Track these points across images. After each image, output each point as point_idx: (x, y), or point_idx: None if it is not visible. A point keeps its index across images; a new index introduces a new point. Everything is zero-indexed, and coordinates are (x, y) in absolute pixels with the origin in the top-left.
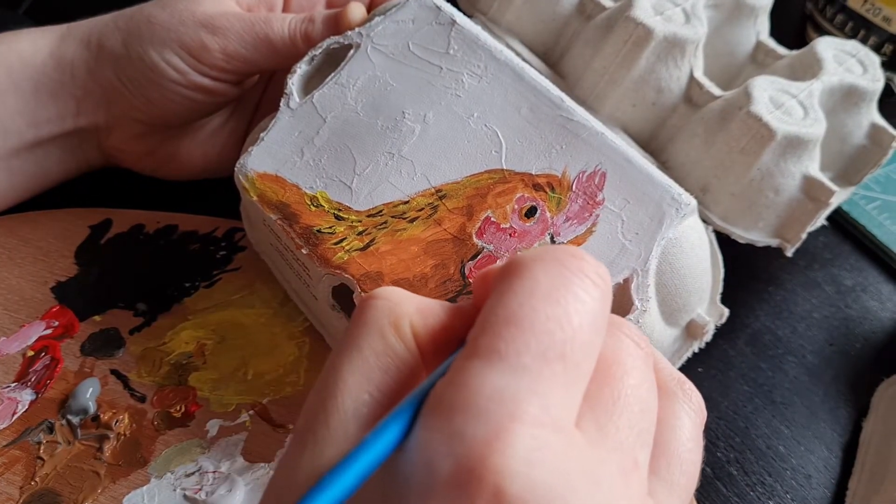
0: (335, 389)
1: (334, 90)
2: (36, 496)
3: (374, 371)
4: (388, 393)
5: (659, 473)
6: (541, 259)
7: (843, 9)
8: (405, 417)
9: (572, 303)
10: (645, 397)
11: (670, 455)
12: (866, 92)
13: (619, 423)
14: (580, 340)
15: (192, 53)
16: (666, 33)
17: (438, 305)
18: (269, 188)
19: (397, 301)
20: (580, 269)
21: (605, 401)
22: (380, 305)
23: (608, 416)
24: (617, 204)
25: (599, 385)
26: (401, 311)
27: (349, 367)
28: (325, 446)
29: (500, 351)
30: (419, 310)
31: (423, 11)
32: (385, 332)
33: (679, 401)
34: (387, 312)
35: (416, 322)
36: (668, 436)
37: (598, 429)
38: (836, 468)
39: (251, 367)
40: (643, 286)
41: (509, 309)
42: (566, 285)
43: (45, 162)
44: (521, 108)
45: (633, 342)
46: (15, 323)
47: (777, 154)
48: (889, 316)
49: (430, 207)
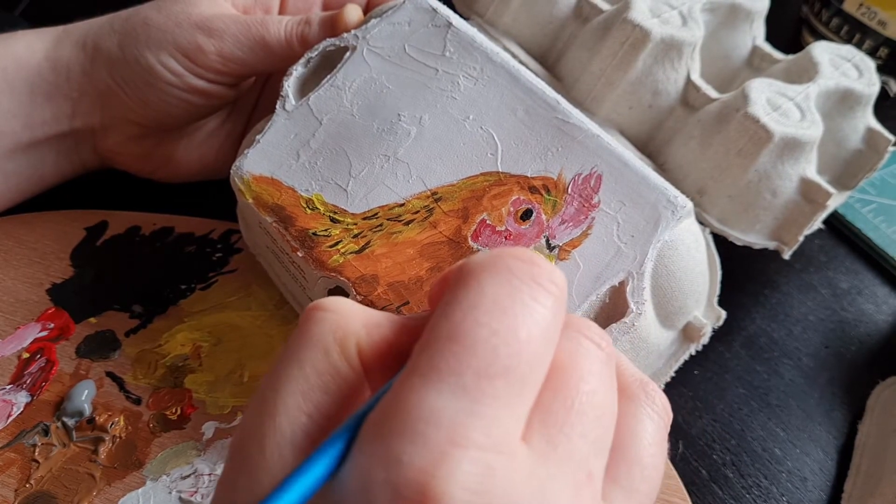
0: (273, 409)
1: (330, 92)
2: (31, 499)
3: (314, 391)
4: (329, 415)
5: (618, 480)
6: (489, 267)
7: (839, 12)
8: (341, 443)
9: (520, 314)
10: (601, 402)
11: (630, 461)
12: (862, 96)
13: (572, 433)
14: (527, 353)
15: (187, 56)
16: (663, 35)
17: (387, 319)
18: (265, 191)
19: (343, 315)
20: (531, 277)
21: (557, 410)
22: (325, 319)
23: (559, 428)
24: (613, 206)
25: (553, 392)
26: (347, 328)
27: (288, 386)
28: (260, 472)
29: (440, 369)
30: (366, 325)
31: (420, 14)
32: (329, 349)
33: (641, 404)
34: (332, 328)
35: (362, 339)
36: (628, 440)
37: (548, 441)
38: (832, 470)
39: (247, 370)
40: (639, 289)
41: (451, 323)
42: (514, 295)
43: (41, 164)
44: (517, 111)
45: (593, 343)
46: (10, 325)
47: (774, 156)
48: (884, 319)
49: (425, 210)
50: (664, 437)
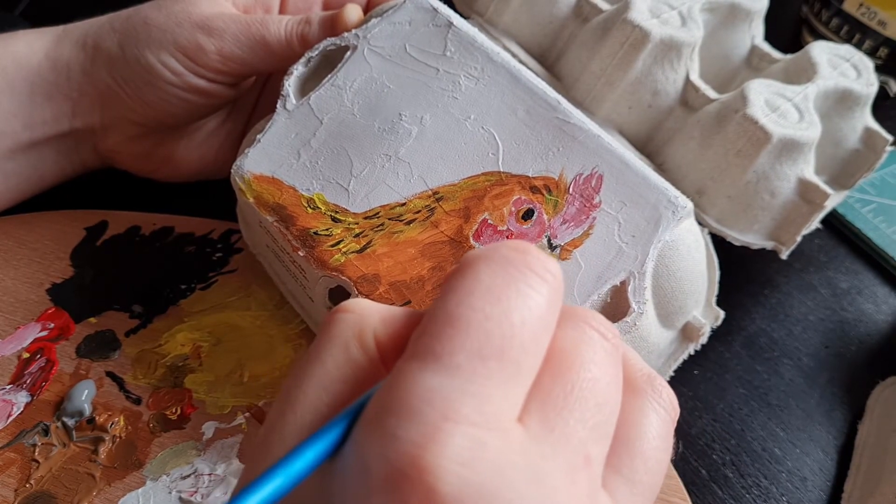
0: (294, 401)
1: (331, 92)
2: (31, 499)
3: (334, 382)
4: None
5: (620, 470)
6: (486, 256)
7: (839, 12)
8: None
9: (514, 300)
10: (603, 390)
11: (633, 452)
12: (860, 96)
13: (570, 417)
14: (521, 338)
15: (188, 55)
16: (662, 36)
17: (402, 312)
18: (266, 190)
19: (362, 313)
20: (525, 265)
21: (555, 395)
22: (346, 318)
23: (557, 411)
24: (613, 206)
25: (553, 378)
26: (365, 323)
27: (310, 379)
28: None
29: (436, 352)
30: (383, 319)
31: (420, 13)
32: (348, 344)
33: (647, 398)
34: (352, 325)
35: (380, 331)
36: (633, 433)
37: (544, 423)
38: (832, 470)
39: (247, 370)
40: (640, 289)
41: (448, 309)
42: (509, 282)
43: (41, 163)
44: (518, 111)
45: (598, 333)
46: (10, 325)
47: (773, 157)
48: (884, 318)
49: (426, 210)
50: (670, 432)
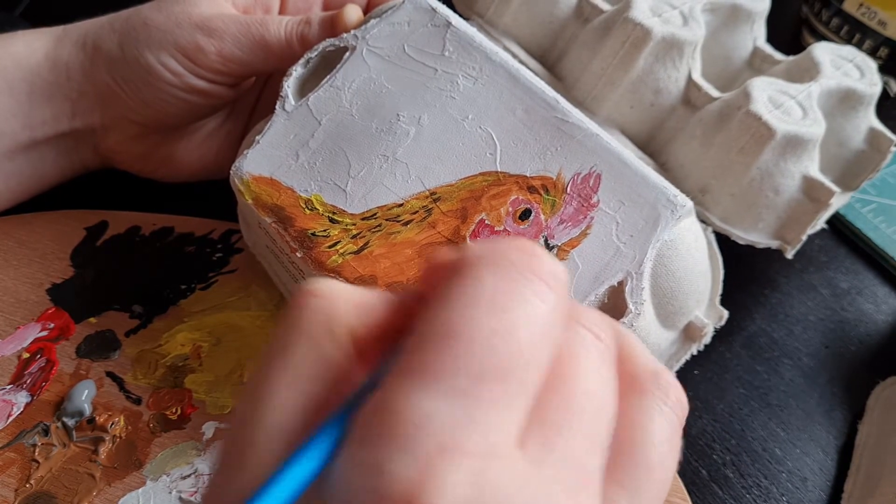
0: (262, 403)
1: (329, 93)
2: (31, 499)
3: (305, 381)
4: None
5: (622, 483)
6: (489, 259)
7: (839, 13)
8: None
9: (520, 312)
10: (600, 398)
11: (636, 462)
12: (864, 96)
13: (569, 434)
14: (527, 355)
15: (187, 55)
16: (664, 34)
17: (379, 300)
18: (265, 191)
19: (332, 299)
20: (532, 270)
21: (554, 411)
22: (313, 305)
23: (556, 429)
24: (612, 206)
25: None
26: (336, 312)
27: (278, 376)
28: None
29: (434, 371)
30: (357, 306)
31: (419, 14)
32: (318, 338)
33: (653, 398)
34: (321, 314)
35: (353, 322)
36: (636, 437)
37: (544, 444)
38: (832, 470)
39: (247, 370)
40: (637, 289)
41: (448, 320)
42: (515, 290)
43: (41, 164)
44: (516, 110)
45: (591, 334)
46: (10, 325)
47: (776, 153)
48: (884, 318)
49: (424, 210)
50: (677, 434)
